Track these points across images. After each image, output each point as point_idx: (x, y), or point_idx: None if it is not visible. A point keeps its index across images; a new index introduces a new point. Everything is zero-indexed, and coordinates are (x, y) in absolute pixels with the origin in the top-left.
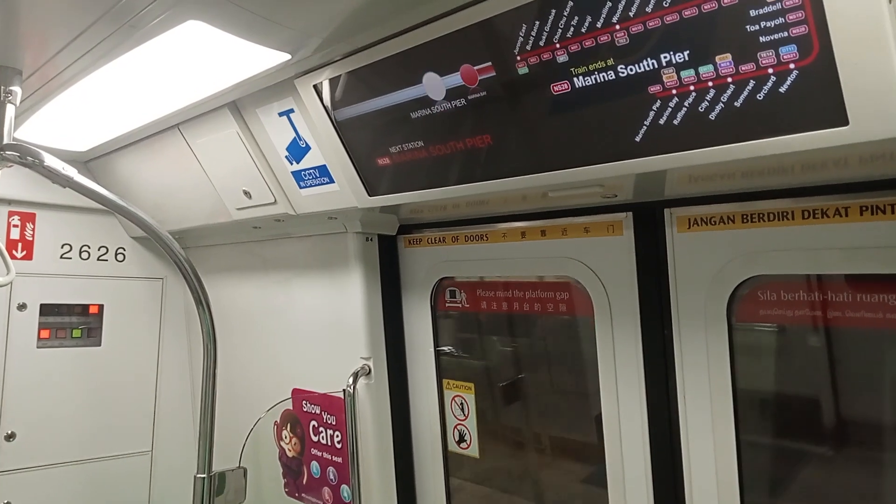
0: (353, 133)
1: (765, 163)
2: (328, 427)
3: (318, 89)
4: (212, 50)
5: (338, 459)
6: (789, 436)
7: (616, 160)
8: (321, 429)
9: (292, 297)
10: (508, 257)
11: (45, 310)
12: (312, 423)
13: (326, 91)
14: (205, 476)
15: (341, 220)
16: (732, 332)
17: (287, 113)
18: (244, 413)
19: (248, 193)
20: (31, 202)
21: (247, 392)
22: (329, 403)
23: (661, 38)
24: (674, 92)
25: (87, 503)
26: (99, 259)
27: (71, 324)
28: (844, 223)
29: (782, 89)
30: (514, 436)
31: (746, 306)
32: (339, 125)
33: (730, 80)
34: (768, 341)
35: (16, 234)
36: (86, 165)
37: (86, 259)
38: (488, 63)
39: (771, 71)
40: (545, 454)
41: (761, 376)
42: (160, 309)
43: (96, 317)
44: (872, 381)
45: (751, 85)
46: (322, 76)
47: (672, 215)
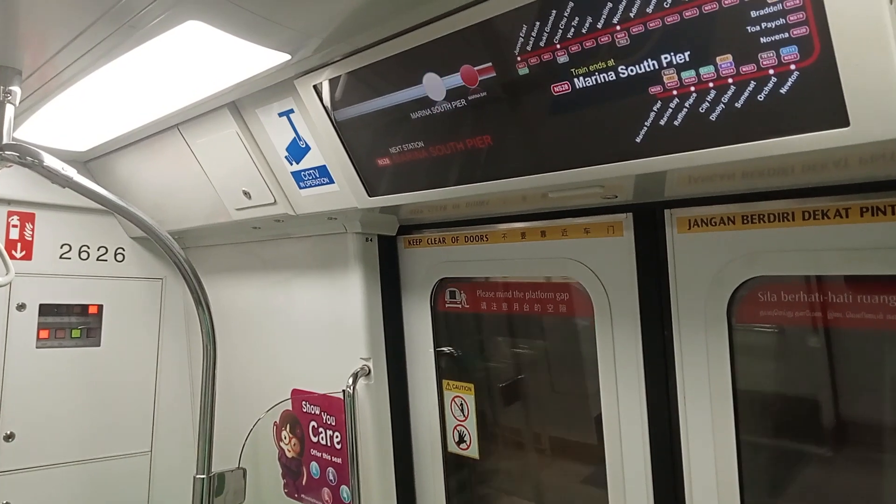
0: (353, 133)
1: (765, 164)
2: (328, 428)
3: (318, 90)
4: (211, 50)
5: (337, 460)
6: (790, 436)
7: (616, 161)
8: (321, 429)
9: (292, 298)
10: (508, 258)
11: (45, 310)
12: (312, 424)
13: (326, 91)
14: (204, 476)
15: (341, 221)
16: (732, 333)
17: (287, 113)
18: (244, 413)
19: (247, 194)
20: (31, 202)
21: (246, 392)
22: (329, 404)
23: (661, 39)
24: (674, 93)
25: (87, 503)
26: (98, 259)
27: (70, 324)
28: (845, 224)
29: (783, 90)
30: (514, 436)
31: (747, 307)
32: (338, 125)
33: (730, 80)
34: (769, 342)
35: (15, 234)
36: (85, 165)
37: (85, 259)
38: (488, 63)
39: (772, 72)
40: (545, 455)
41: (761, 377)
42: (159, 309)
43: (95, 317)
44: (873, 382)
45: (751, 86)
46: (322, 76)
47: (672, 216)
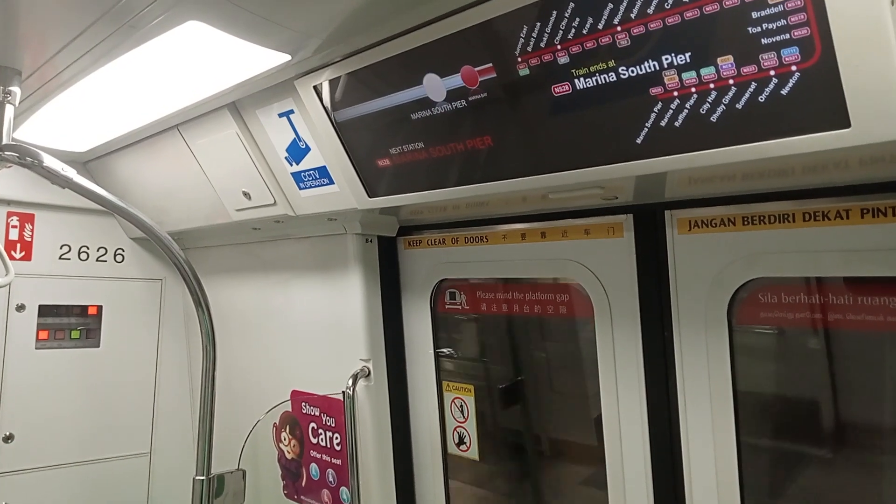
0: (354, 134)
1: (766, 165)
2: (327, 429)
3: (318, 90)
4: (211, 50)
5: (337, 461)
6: (790, 438)
7: (617, 162)
8: (320, 431)
9: (292, 299)
10: (508, 259)
11: (44, 311)
12: (312, 425)
13: (326, 92)
14: (203, 478)
15: (341, 222)
16: (733, 335)
17: (287, 114)
18: (243, 415)
19: (247, 194)
20: (30, 203)
21: (246, 394)
22: (328, 405)
23: (662, 40)
24: (675, 94)
25: None
26: (98, 260)
27: (70, 325)
28: (845, 226)
29: (784, 91)
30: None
31: (747, 308)
32: (339, 126)
33: (731, 82)
34: (769, 343)
35: (14, 234)
36: (85, 166)
37: (85, 260)
38: (489, 64)
39: (773, 73)
40: (545, 456)
41: (762, 379)
42: (159, 310)
43: (95, 318)
44: (873, 384)
45: (752, 87)
46: (322, 77)
47: (672, 217)
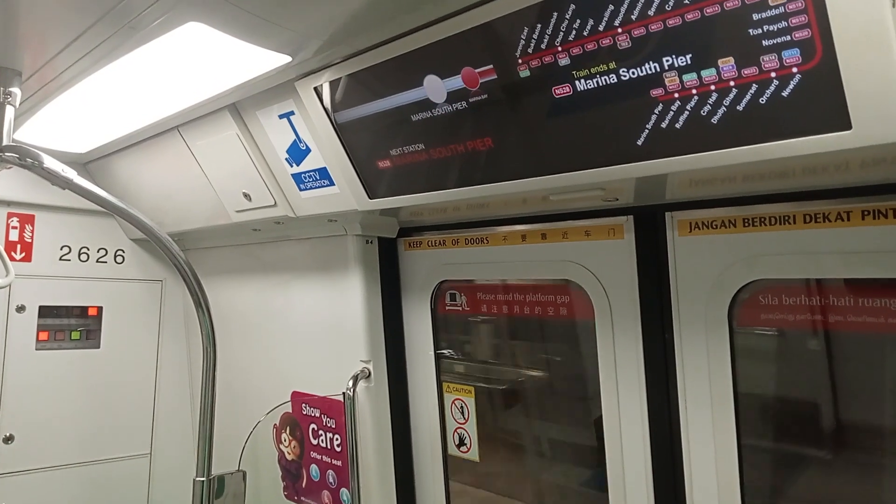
0: (354, 135)
1: (766, 167)
2: (328, 430)
3: (319, 91)
4: (212, 52)
5: (337, 463)
6: (791, 440)
7: (617, 164)
8: (321, 432)
9: (292, 300)
10: (509, 260)
11: (44, 312)
12: (312, 427)
13: (327, 93)
14: (204, 479)
15: (341, 223)
16: (734, 336)
17: (287, 115)
18: (243, 416)
19: (247, 196)
20: (31, 204)
21: (246, 395)
22: (329, 406)
23: (663, 42)
24: (676, 95)
25: None
26: (98, 261)
27: (70, 326)
28: (846, 227)
29: (785, 93)
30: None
31: (748, 310)
32: (339, 127)
33: (732, 83)
34: (770, 345)
35: (15, 235)
36: (85, 167)
37: (85, 261)
38: (490, 66)
39: (774, 75)
40: (545, 457)
41: (763, 380)
42: (159, 311)
43: (95, 319)
44: (874, 386)
45: (753, 89)
46: (322, 78)
47: (673, 219)
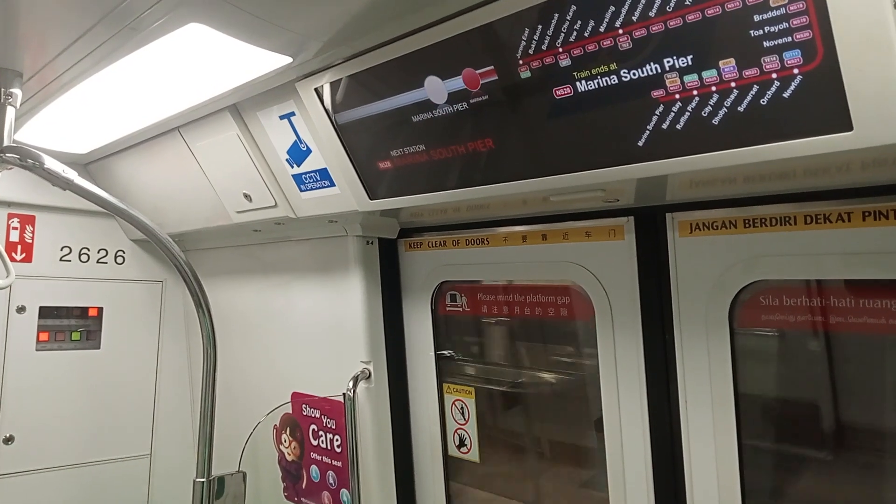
0: (355, 136)
1: (767, 167)
2: (328, 431)
3: (320, 92)
4: (213, 53)
5: (337, 463)
6: (791, 441)
7: (618, 164)
8: (321, 433)
9: (292, 301)
10: (509, 261)
11: (45, 312)
12: (312, 427)
13: (328, 94)
14: (204, 480)
15: (342, 224)
16: (734, 337)
17: (288, 116)
18: (243, 417)
19: (248, 196)
20: (31, 204)
21: (246, 395)
22: (329, 407)
23: (664, 43)
24: (677, 96)
25: None
26: (98, 262)
27: (70, 326)
28: (847, 228)
29: (786, 94)
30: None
31: (748, 311)
32: (340, 128)
33: (733, 84)
34: (771, 346)
35: (15, 236)
36: (86, 168)
37: (85, 262)
38: (490, 67)
39: (775, 76)
40: (545, 458)
41: (763, 381)
42: (159, 312)
43: (95, 319)
44: (874, 387)
45: (754, 90)
46: (323, 79)
47: (674, 220)
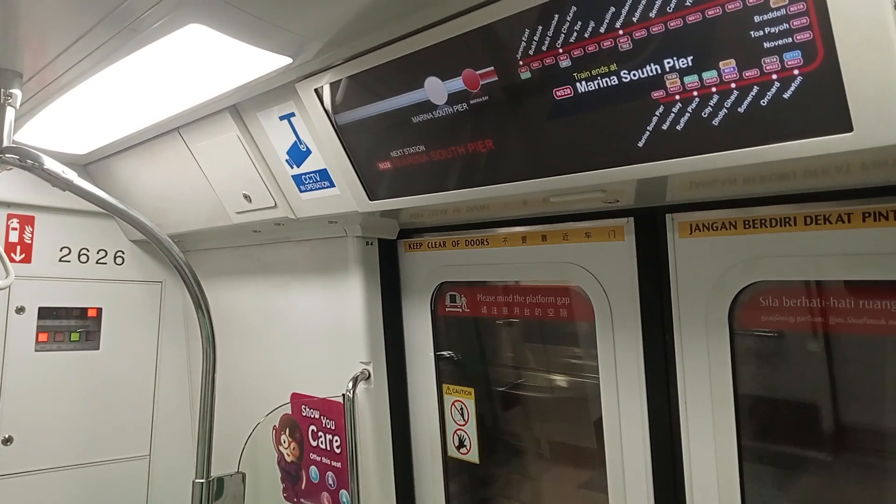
0: (355, 137)
1: (767, 168)
2: (327, 432)
3: (320, 93)
4: (213, 53)
5: (337, 464)
6: (791, 442)
7: (618, 165)
8: (320, 433)
9: (292, 301)
10: (509, 262)
11: (44, 313)
12: (311, 428)
13: (328, 95)
14: (203, 481)
15: (341, 224)
16: (734, 338)
17: (288, 117)
18: (243, 417)
19: (248, 197)
20: (31, 205)
21: (245, 396)
22: (328, 408)
23: (664, 44)
24: (677, 97)
25: None
26: (98, 262)
27: (69, 327)
28: (847, 229)
29: (786, 95)
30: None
31: (748, 312)
32: (340, 129)
33: (734, 85)
34: (770, 347)
35: (14, 236)
36: (85, 168)
37: (84, 262)
38: (490, 67)
39: (775, 77)
40: (544, 459)
41: (763, 382)
42: (159, 312)
43: (95, 320)
44: (874, 388)
45: (754, 91)
46: (323, 80)
47: (674, 221)
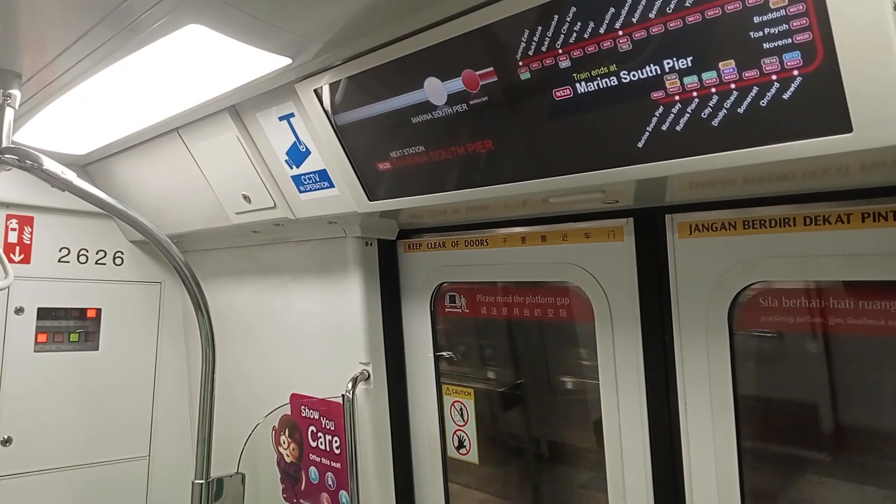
0: (354, 137)
1: (767, 169)
2: (327, 432)
3: (319, 94)
4: (212, 54)
5: (336, 465)
6: (791, 442)
7: (618, 166)
8: (320, 434)
9: (291, 302)
10: (509, 262)
11: (43, 314)
12: (311, 429)
13: (327, 95)
14: (202, 482)
15: (341, 225)
16: (734, 339)
17: (287, 117)
18: (242, 418)
19: (247, 198)
20: (30, 205)
21: (245, 397)
22: (328, 409)
23: (664, 44)
24: (677, 98)
25: None
26: (97, 263)
27: (68, 328)
28: (846, 230)
29: (786, 96)
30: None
31: (748, 313)
32: (339, 130)
33: (733, 86)
34: (770, 348)
35: (14, 237)
36: (84, 169)
37: (84, 263)
38: (490, 68)
39: (774, 77)
40: (544, 460)
41: (763, 383)
42: (158, 313)
43: (94, 321)
44: (874, 388)
45: (754, 91)
46: (323, 80)
47: (673, 221)
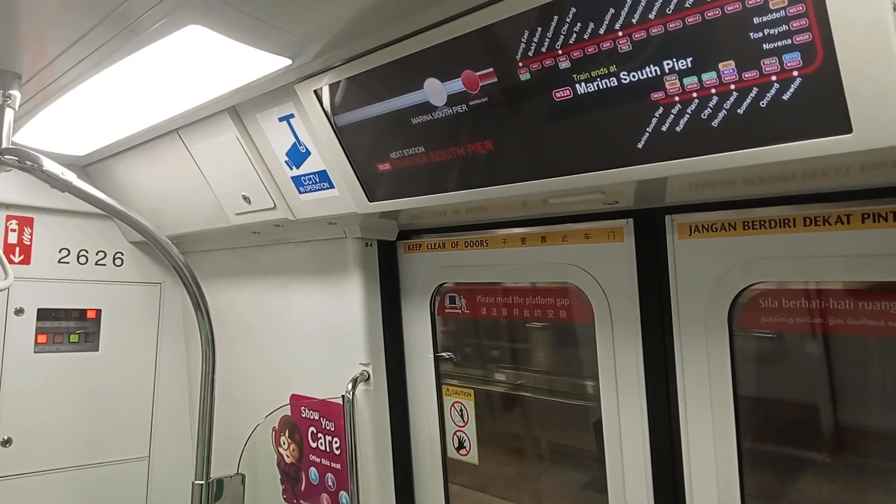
0: (354, 138)
1: (766, 170)
2: (327, 433)
3: (319, 94)
4: (212, 55)
5: (336, 466)
6: (791, 442)
7: (618, 167)
8: (320, 435)
9: (291, 303)
10: (508, 263)
11: (43, 314)
12: (311, 430)
13: (327, 96)
14: (202, 482)
15: (341, 226)
16: (733, 340)
17: (287, 118)
18: (242, 419)
19: (247, 199)
20: (30, 206)
21: (245, 398)
22: (328, 409)
23: (663, 45)
24: (676, 99)
25: None
26: (97, 264)
27: (68, 328)
28: (846, 231)
29: (785, 97)
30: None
31: (748, 313)
32: (339, 130)
33: (733, 87)
34: (770, 348)
35: (13, 238)
36: (84, 170)
37: (84, 264)
38: (490, 69)
39: (774, 78)
40: (544, 460)
41: (763, 383)
42: (158, 314)
43: (94, 322)
44: (874, 389)
45: (754, 92)
46: (323, 81)
47: (673, 222)
